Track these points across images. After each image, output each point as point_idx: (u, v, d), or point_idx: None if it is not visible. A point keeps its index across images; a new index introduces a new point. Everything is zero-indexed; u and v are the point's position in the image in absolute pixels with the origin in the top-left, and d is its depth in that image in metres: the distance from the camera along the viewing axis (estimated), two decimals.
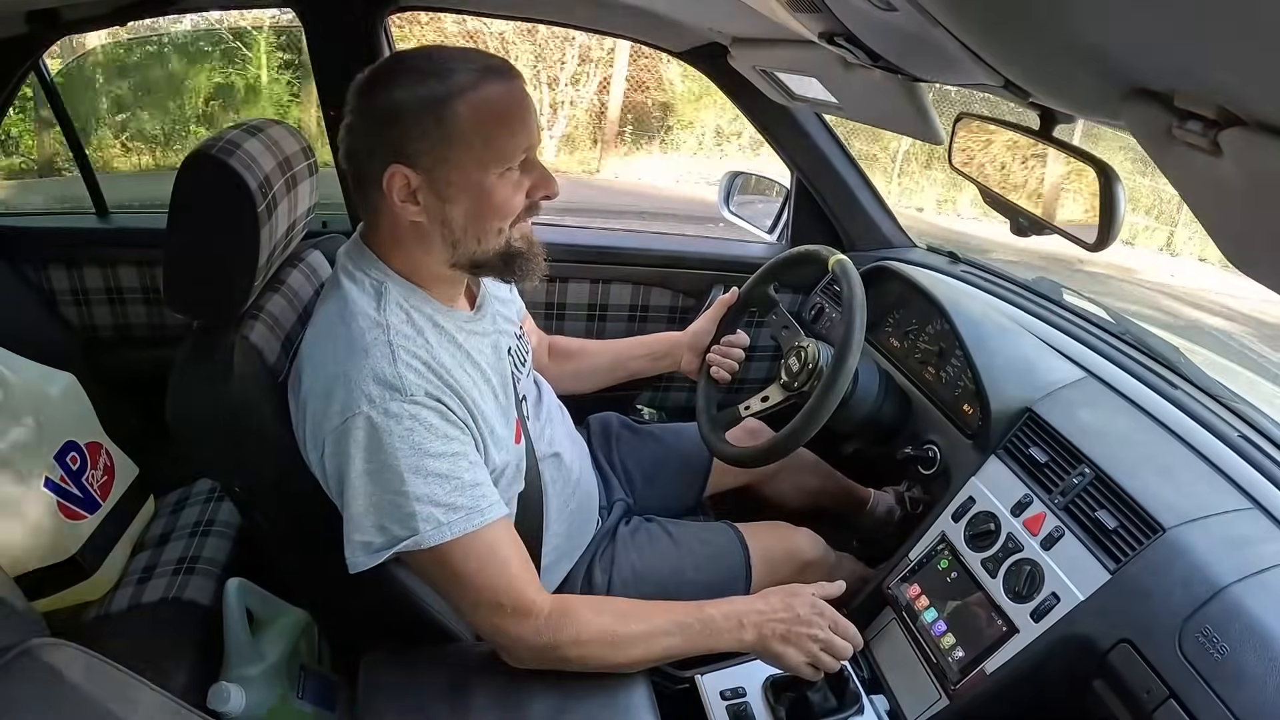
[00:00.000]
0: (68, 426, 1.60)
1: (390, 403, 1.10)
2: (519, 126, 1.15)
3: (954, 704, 1.36)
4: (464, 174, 1.14)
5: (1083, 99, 0.83)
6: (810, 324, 2.19)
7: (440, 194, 1.15)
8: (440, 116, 1.10)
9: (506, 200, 1.17)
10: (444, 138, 1.11)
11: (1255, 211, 0.56)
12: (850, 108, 1.60)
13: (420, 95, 1.11)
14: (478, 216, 1.17)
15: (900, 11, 0.79)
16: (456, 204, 1.16)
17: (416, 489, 1.10)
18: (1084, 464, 1.38)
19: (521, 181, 1.18)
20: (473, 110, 1.11)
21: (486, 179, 1.15)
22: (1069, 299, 1.92)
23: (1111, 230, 0.97)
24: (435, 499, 1.11)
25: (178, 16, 7.56)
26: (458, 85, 1.11)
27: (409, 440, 1.10)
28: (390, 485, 1.10)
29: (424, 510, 1.10)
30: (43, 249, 2.10)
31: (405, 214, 1.16)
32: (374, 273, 1.21)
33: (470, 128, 1.11)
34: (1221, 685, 1.04)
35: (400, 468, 1.09)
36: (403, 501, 1.10)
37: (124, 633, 1.50)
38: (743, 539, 1.60)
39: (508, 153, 1.15)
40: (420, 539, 1.10)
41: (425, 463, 1.11)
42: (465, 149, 1.12)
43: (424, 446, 1.11)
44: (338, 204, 2.09)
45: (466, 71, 1.12)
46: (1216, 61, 0.49)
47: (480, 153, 1.13)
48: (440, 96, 1.10)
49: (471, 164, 1.13)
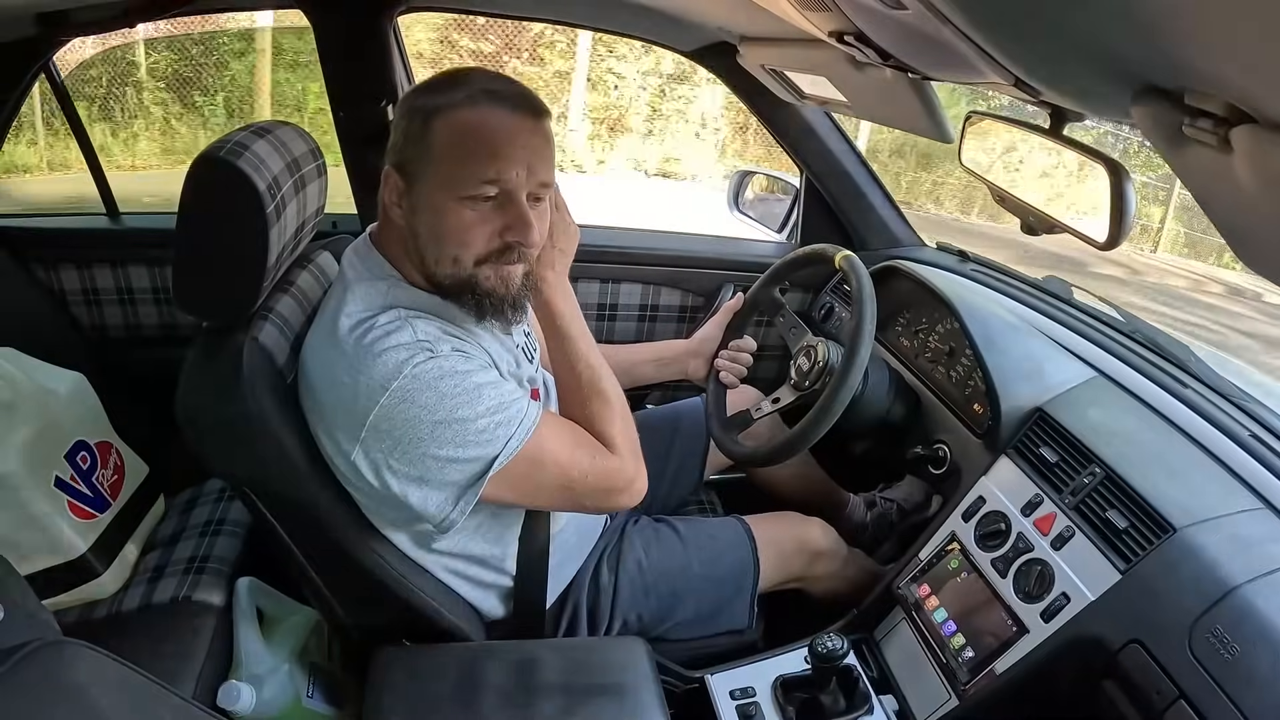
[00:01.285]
0: (78, 426, 1.61)
1: (424, 357, 1.13)
2: (488, 155, 1.13)
3: (963, 704, 1.36)
4: (429, 191, 1.16)
5: (1093, 97, 0.83)
6: (820, 323, 2.19)
7: (413, 203, 1.17)
8: (422, 129, 1.13)
9: (464, 230, 1.16)
10: (423, 150, 1.14)
11: (1266, 209, 0.55)
12: (860, 107, 1.59)
13: (419, 105, 1.14)
14: (433, 238, 1.18)
15: (910, 10, 0.79)
16: (420, 219, 1.18)
17: (486, 406, 1.14)
18: (1094, 464, 1.37)
19: (490, 217, 1.16)
20: (448, 128, 1.13)
21: (446, 201, 1.15)
22: (1079, 297, 1.91)
23: (1123, 228, 0.96)
24: (504, 405, 1.16)
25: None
26: (448, 102, 1.13)
27: (458, 375, 1.14)
28: (464, 417, 1.13)
29: (501, 417, 1.15)
30: (54, 249, 2.10)
31: (394, 215, 1.19)
32: (379, 269, 1.23)
33: (441, 145, 1.13)
34: (1232, 686, 1.04)
35: (466, 397, 1.13)
36: (482, 423, 1.14)
37: (134, 632, 1.50)
38: (750, 533, 1.60)
39: (466, 180, 1.13)
40: (515, 441, 1.16)
41: (480, 384, 1.15)
42: (435, 166, 1.14)
43: (471, 373, 1.15)
44: (347, 205, 2.10)
45: (466, 91, 1.13)
46: (1227, 59, 0.49)
47: (447, 173, 1.14)
48: (430, 109, 1.13)
49: (436, 182, 1.15)
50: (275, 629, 1.61)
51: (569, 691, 1.24)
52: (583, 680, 1.26)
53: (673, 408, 1.96)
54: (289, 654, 1.59)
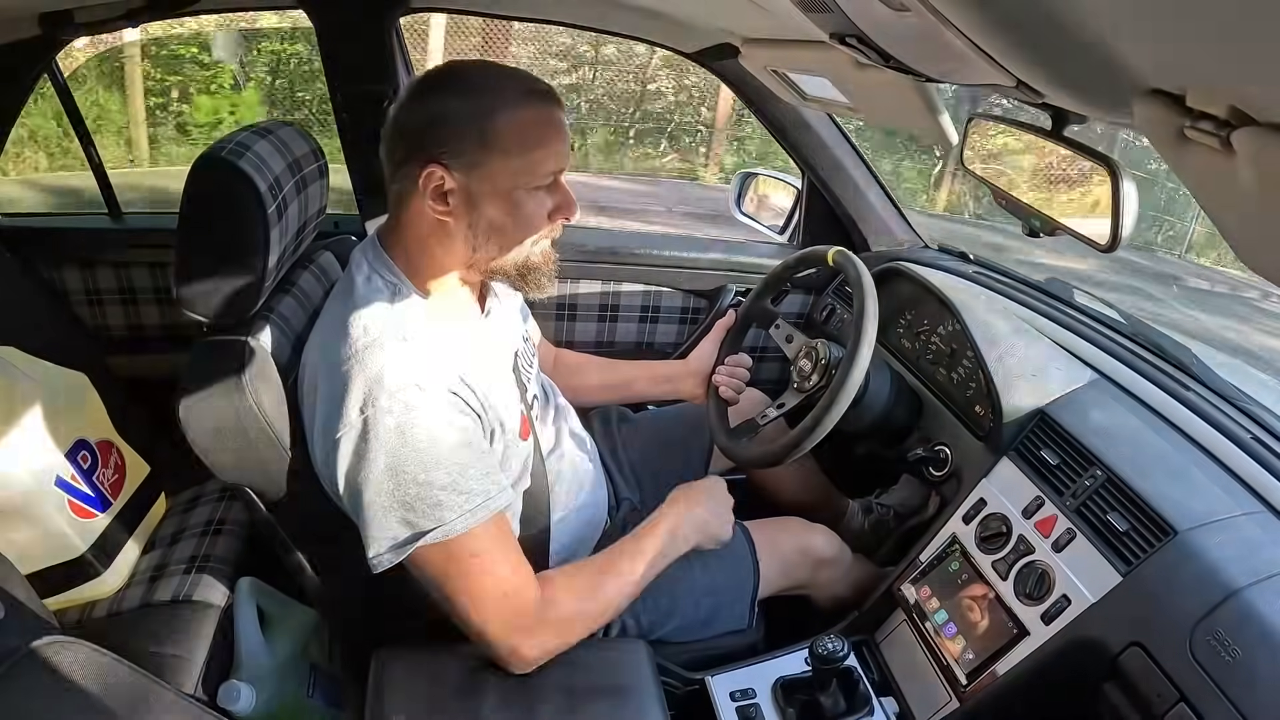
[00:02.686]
0: (79, 425, 1.61)
1: (407, 397, 1.12)
2: (554, 148, 1.20)
3: (964, 706, 1.36)
4: (497, 183, 1.18)
5: (1095, 99, 0.83)
6: (821, 325, 2.19)
7: (471, 199, 1.19)
8: (483, 126, 1.15)
9: (532, 215, 1.22)
10: (485, 146, 1.16)
11: (1268, 211, 0.55)
12: (862, 108, 1.59)
13: (468, 103, 1.16)
14: (502, 227, 1.21)
15: (912, 11, 0.79)
16: (485, 211, 1.20)
17: (439, 478, 1.13)
18: (1096, 466, 1.37)
19: (545, 201, 1.23)
20: (514, 125, 1.16)
21: (516, 193, 1.19)
22: (1080, 300, 1.91)
23: (1123, 229, 0.97)
24: (458, 486, 1.14)
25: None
26: (505, 99, 1.16)
27: (428, 432, 1.12)
28: (414, 478, 1.12)
29: (449, 499, 1.13)
30: (56, 249, 2.11)
31: (432, 212, 1.19)
32: (387, 274, 1.23)
33: (510, 140, 1.16)
34: (1233, 689, 1.03)
35: (422, 459, 1.12)
36: (426, 493, 1.12)
37: (135, 631, 1.50)
38: (750, 538, 1.59)
39: (540, 171, 1.20)
40: (448, 528, 1.14)
41: (445, 453, 1.13)
42: (503, 159, 1.17)
43: (442, 437, 1.14)
44: (349, 205, 2.10)
45: (514, 89, 1.18)
46: (1229, 61, 0.49)
47: (516, 166, 1.18)
48: (487, 106, 1.15)
49: (506, 175, 1.18)
50: (276, 629, 1.62)
51: (569, 692, 1.24)
52: (583, 681, 1.26)
53: (676, 410, 1.96)
54: (289, 654, 1.59)
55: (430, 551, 1.16)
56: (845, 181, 2.20)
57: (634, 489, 1.78)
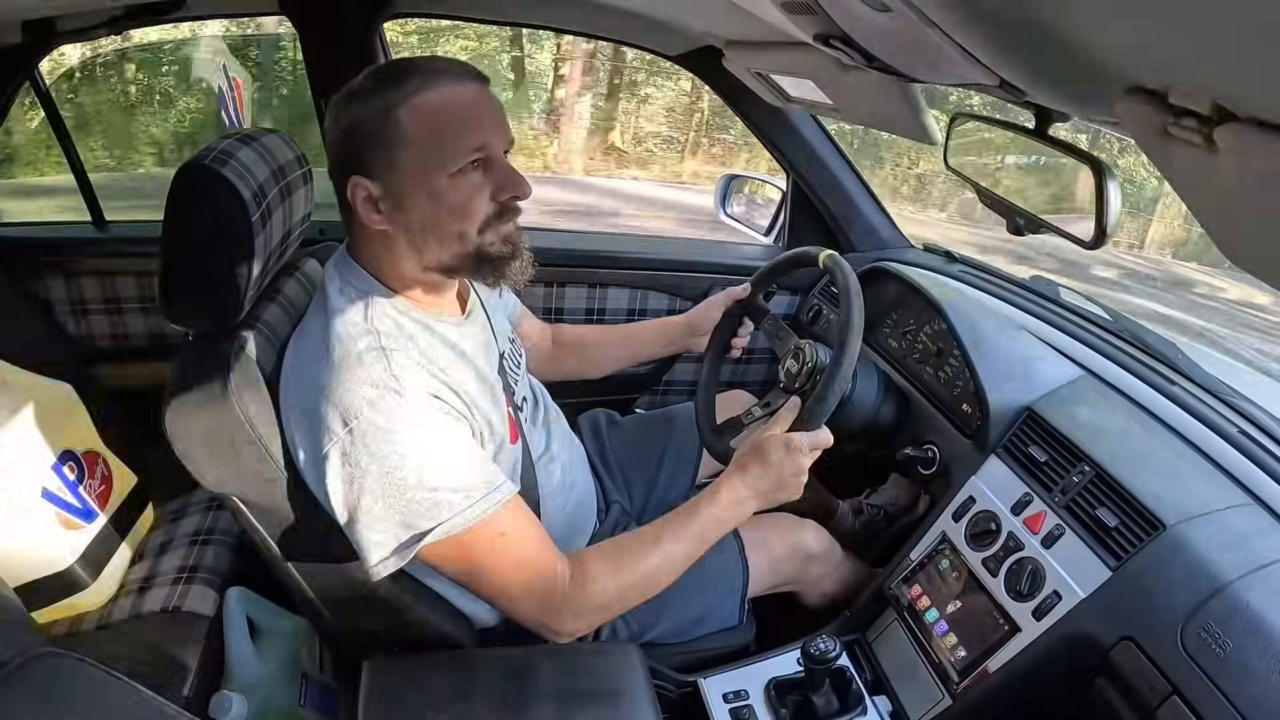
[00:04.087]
0: (65, 436, 1.60)
1: (390, 401, 1.11)
2: (467, 126, 1.14)
3: (957, 704, 1.36)
4: (414, 178, 1.14)
5: (1078, 97, 0.83)
6: (808, 325, 2.19)
7: (396, 201, 1.16)
8: (387, 123, 1.12)
9: (464, 203, 1.16)
10: (392, 144, 1.13)
11: (1251, 207, 0.56)
12: (845, 109, 1.60)
13: (371, 105, 1.13)
14: (434, 220, 1.17)
15: (894, 12, 0.80)
16: (412, 210, 1.16)
17: (431, 479, 1.11)
18: (1084, 462, 1.38)
19: (482, 184, 1.17)
20: (416, 114, 1.12)
21: (438, 182, 1.14)
22: (1066, 297, 1.92)
23: (1107, 227, 0.97)
24: (452, 484, 1.13)
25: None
26: (404, 91, 1.12)
27: (415, 436, 1.11)
28: (406, 481, 1.11)
29: (444, 497, 1.12)
30: (40, 259, 2.09)
31: (371, 224, 1.17)
32: (359, 283, 1.22)
33: (415, 131, 1.12)
34: (1224, 681, 1.04)
35: (413, 462, 1.10)
36: (420, 494, 1.11)
37: (124, 643, 1.49)
38: (739, 535, 1.60)
39: (455, 154, 1.14)
40: (450, 524, 1.12)
41: (435, 453, 1.12)
42: (413, 152, 1.13)
43: (431, 438, 1.13)
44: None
45: (414, 78, 1.13)
46: (1211, 58, 0.50)
47: (427, 155, 1.13)
48: (387, 104, 1.12)
49: (419, 167, 1.14)
50: (266, 638, 1.61)
51: (562, 697, 1.24)
52: (575, 686, 1.26)
53: (665, 411, 1.96)
54: (280, 663, 1.58)
55: (441, 548, 1.15)
56: (830, 182, 2.20)
57: (623, 492, 1.78)
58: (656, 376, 2.35)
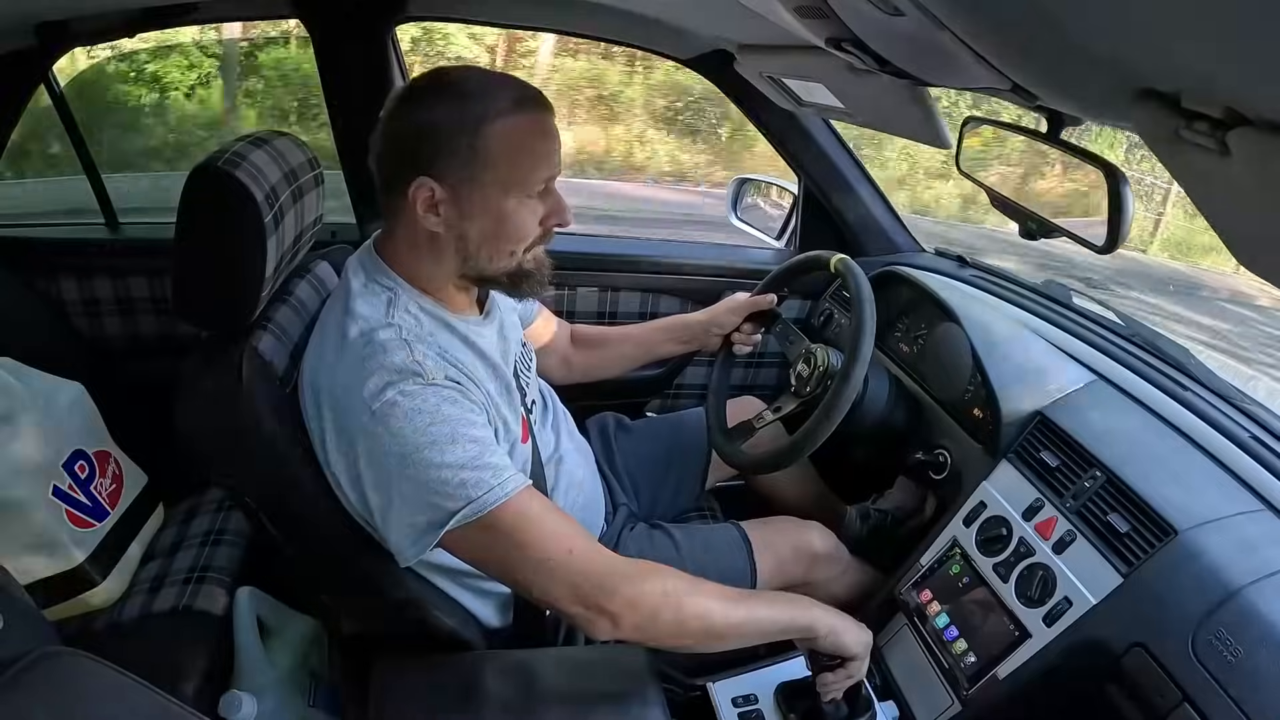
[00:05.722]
0: (76, 435, 1.61)
1: (414, 385, 1.11)
2: (544, 157, 1.20)
3: (966, 709, 1.36)
4: (486, 195, 1.18)
5: (1090, 101, 0.83)
6: (819, 330, 2.19)
7: (462, 210, 1.18)
8: (473, 137, 1.14)
9: (522, 225, 1.22)
10: (474, 158, 1.15)
11: (1264, 211, 0.55)
12: (858, 113, 1.60)
13: (457, 114, 1.15)
14: (494, 237, 1.21)
15: (907, 16, 0.79)
16: (475, 222, 1.19)
17: (458, 458, 1.11)
18: (1095, 467, 1.37)
19: (538, 209, 1.22)
20: (503, 136, 1.15)
21: (507, 203, 1.19)
22: (1078, 302, 1.91)
23: (1120, 232, 0.97)
24: (479, 463, 1.12)
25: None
26: (494, 110, 1.15)
27: (440, 416, 1.11)
28: (432, 461, 1.10)
29: (471, 476, 1.11)
30: (53, 259, 2.10)
31: (425, 223, 1.19)
32: (385, 280, 1.23)
33: (499, 153, 1.15)
34: (1236, 688, 1.04)
35: (440, 442, 1.10)
36: (448, 474, 1.10)
37: (134, 642, 1.50)
38: (746, 538, 1.60)
39: (530, 181, 1.19)
40: (480, 503, 1.11)
41: (461, 433, 1.12)
42: (492, 172, 1.16)
43: (456, 419, 1.13)
44: (347, 214, 2.10)
45: (504, 98, 1.16)
46: (1223, 62, 0.49)
47: (505, 177, 1.17)
48: (476, 118, 1.14)
49: (495, 187, 1.17)
50: (276, 638, 1.61)
51: (570, 700, 1.24)
52: (584, 688, 1.26)
53: (675, 416, 1.96)
54: (290, 664, 1.59)
55: (470, 531, 1.13)
56: (841, 186, 2.20)
57: (631, 496, 1.78)
58: (668, 380, 2.35)
